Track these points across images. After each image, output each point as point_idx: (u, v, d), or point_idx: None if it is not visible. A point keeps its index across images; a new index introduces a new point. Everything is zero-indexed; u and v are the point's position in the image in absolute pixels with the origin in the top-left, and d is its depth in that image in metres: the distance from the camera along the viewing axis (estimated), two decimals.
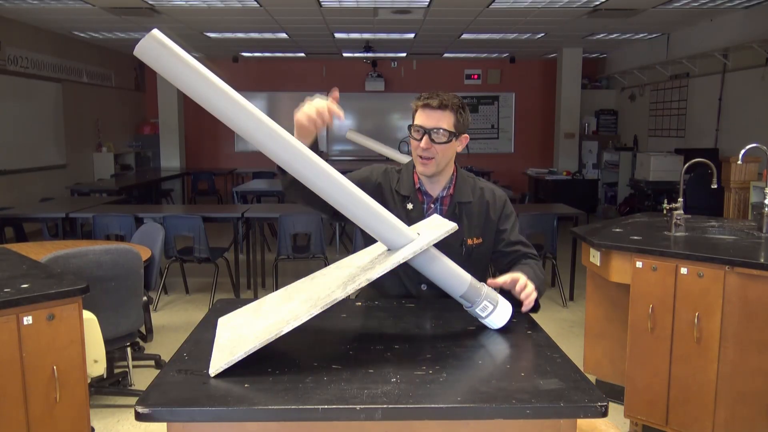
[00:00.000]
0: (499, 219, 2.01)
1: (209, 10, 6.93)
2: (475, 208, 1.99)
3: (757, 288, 2.54)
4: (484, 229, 2.00)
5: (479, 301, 1.59)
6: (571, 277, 5.45)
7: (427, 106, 1.89)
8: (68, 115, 8.87)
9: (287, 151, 1.39)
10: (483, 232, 2.00)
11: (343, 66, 11.53)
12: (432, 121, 1.89)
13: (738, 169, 4.61)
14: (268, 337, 1.34)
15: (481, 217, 1.99)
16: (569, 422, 1.24)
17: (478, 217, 1.99)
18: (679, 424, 2.76)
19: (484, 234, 2.00)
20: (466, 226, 1.97)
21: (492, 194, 2.02)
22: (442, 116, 1.89)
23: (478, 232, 1.99)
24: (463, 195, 1.99)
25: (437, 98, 1.89)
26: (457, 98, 1.93)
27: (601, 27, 8.07)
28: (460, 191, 1.99)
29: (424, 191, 2.01)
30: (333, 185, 1.44)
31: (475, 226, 1.98)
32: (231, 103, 1.33)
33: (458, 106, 1.92)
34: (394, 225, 1.51)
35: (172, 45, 1.28)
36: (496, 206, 2.01)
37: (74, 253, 2.96)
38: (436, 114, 1.89)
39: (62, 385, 2.18)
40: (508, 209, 2.04)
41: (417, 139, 1.91)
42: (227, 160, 11.74)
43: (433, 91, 1.93)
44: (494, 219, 2.01)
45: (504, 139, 11.93)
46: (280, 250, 5.17)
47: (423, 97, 1.92)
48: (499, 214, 2.01)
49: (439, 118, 1.89)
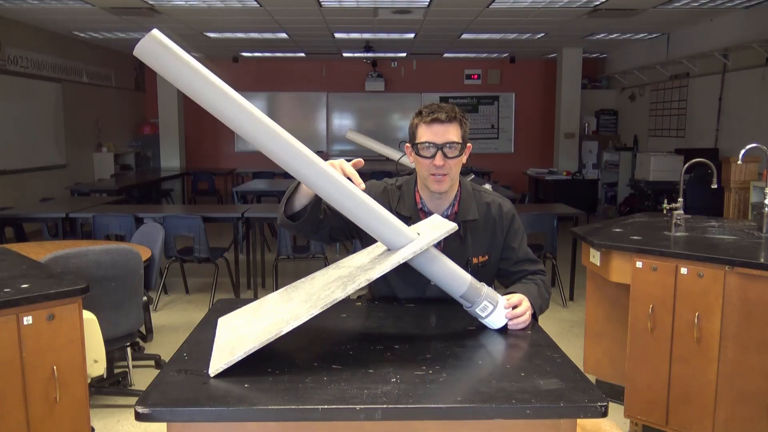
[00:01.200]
0: (506, 236, 1.94)
1: (209, 10, 6.93)
2: (481, 226, 1.91)
3: (757, 288, 2.54)
4: (490, 247, 1.93)
5: (479, 301, 1.59)
6: (571, 277, 5.45)
7: (436, 121, 1.79)
8: (68, 115, 8.87)
9: (287, 150, 1.39)
10: (489, 249, 1.93)
11: (343, 66, 11.53)
12: (442, 135, 1.80)
13: (738, 169, 4.61)
14: (268, 337, 1.34)
15: (487, 234, 1.92)
16: (569, 422, 1.24)
17: (483, 235, 1.91)
18: (679, 424, 2.76)
19: (490, 251, 1.93)
20: (471, 245, 1.89)
21: (498, 210, 1.94)
22: (450, 129, 1.80)
23: (484, 250, 1.92)
24: (468, 213, 1.90)
25: (443, 111, 1.80)
26: (458, 108, 1.86)
27: (601, 27, 8.07)
28: (465, 209, 1.90)
29: (426, 211, 1.91)
30: (333, 185, 1.44)
31: (480, 245, 1.91)
32: (230, 103, 1.33)
33: (461, 115, 1.85)
34: (394, 225, 1.51)
35: (172, 45, 1.28)
36: (503, 224, 1.93)
37: (74, 253, 2.96)
38: (444, 128, 1.80)
39: (62, 385, 2.18)
40: (516, 224, 1.96)
41: (428, 156, 1.81)
42: (227, 160, 11.74)
43: (431, 105, 1.84)
44: (501, 236, 1.93)
45: (504, 139, 11.93)
46: (280, 250, 5.17)
47: (427, 112, 1.82)
48: (506, 231, 1.94)
49: (448, 132, 1.80)
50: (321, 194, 1.45)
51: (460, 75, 11.70)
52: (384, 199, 1.94)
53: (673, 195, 3.42)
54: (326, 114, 11.69)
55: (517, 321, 1.64)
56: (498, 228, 1.93)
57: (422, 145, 1.82)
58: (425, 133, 1.82)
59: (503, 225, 1.94)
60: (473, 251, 1.91)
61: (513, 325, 1.64)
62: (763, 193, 3.13)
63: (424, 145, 1.82)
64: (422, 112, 1.84)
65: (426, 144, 1.81)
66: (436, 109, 1.82)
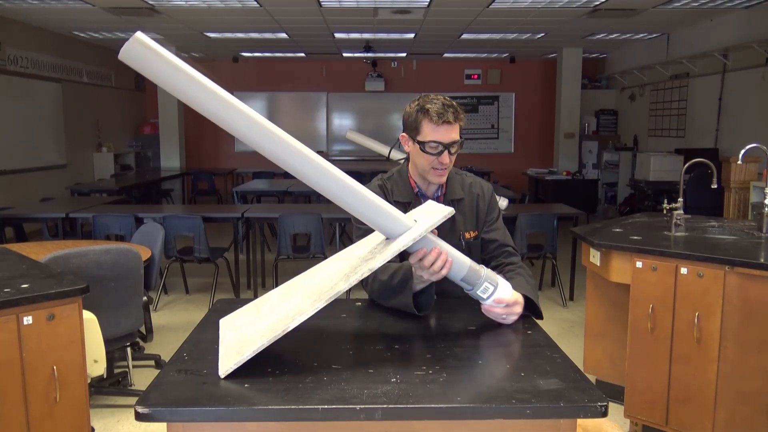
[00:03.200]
0: (486, 210, 2.06)
1: (209, 10, 6.93)
2: (467, 203, 2.03)
3: (757, 288, 2.54)
4: (477, 222, 2.04)
5: (480, 282, 1.59)
6: (571, 277, 5.45)
7: (446, 123, 1.85)
8: (68, 115, 8.87)
9: (279, 146, 1.37)
10: (476, 225, 2.04)
11: (343, 66, 11.53)
12: (449, 135, 1.87)
13: (738, 169, 4.61)
14: (275, 333, 1.33)
15: (473, 210, 2.04)
16: (569, 422, 1.24)
17: (470, 211, 2.03)
18: (679, 424, 2.76)
19: (478, 227, 2.04)
20: (461, 221, 2.00)
21: (480, 187, 2.07)
22: (455, 128, 1.88)
23: (472, 226, 2.03)
24: (455, 193, 2.02)
25: (450, 111, 1.86)
26: (458, 104, 1.92)
27: (601, 27, 8.07)
28: (452, 189, 2.03)
29: (422, 194, 2.03)
30: (327, 177, 1.43)
31: (469, 220, 2.03)
32: (219, 102, 1.32)
33: (462, 112, 1.91)
34: (391, 214, 1.50)
35: (157, 47, 1.27)
36: (485, 198, 2.06)
37: (74, 253, 2.96)
38: (451, 128, 1.87)
39: (62, 385, 2.18)
40: (494, 201, 2.09)
41: (434, 154, 1.88)
42: (227, 160, 11.74)
43: (434, 100, 1.87)
44: (484, 209, 2.05)
45: (504, 139, 11.94)
46: (280, 250, 5.17)
47: (435, 112, 1.84)
48: (486, 205, 2.06)
49: (453, 131, 1.87)
50: (316, 187, 1.44)
51: (460, 75, 11.71)
52: (380, 195, 1.97)
53: (673, 195, 3.42)
54: (326, 114, 11.69)
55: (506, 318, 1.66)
56: (481, 201, 2.05)
57: (429, 144, 1.88)
58: (433, 132, 1.87)
59: (485, 199, 2.06)
60: (464, 227, 2.01)
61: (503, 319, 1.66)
62: (763, 193, 3.13)
63: (431, 144, 1.88)
64: (428, 110, 1.86)
65: (433, 143, 1.87)
66: (443, 109, 1.85)
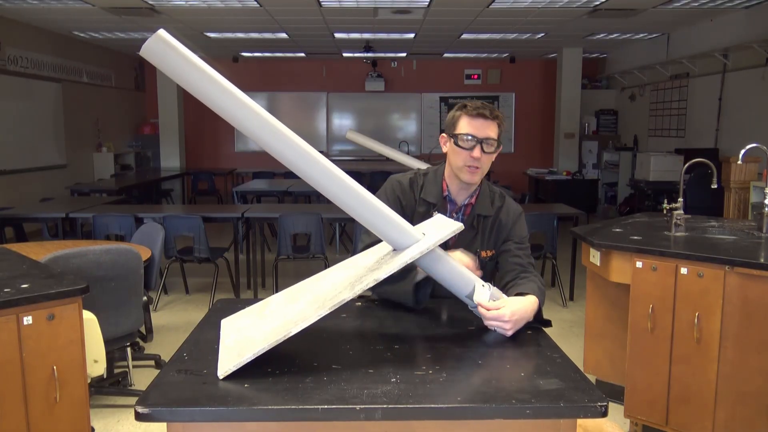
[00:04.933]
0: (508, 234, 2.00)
1: (209, 10, 6.93)
2: (491, 222, 2.00)
3: (757, 288, 2.54)
4: (496, 243, 2.01)
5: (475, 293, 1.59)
6: (571, 277, 5.45)
7: (481, 116, 1.86)
8: (68, 115, 8.87)
9: (293, 150, 1.38)
10: (495, 245, 2.01)
11: (343, 66, 11.52)
12: (483, 130, 1.87)
13: (738, 169, 4.61)
14: (277, 338, 1.33)
15: (494, 232, 2.01)
16: (569, 422, 1.24)
17: (490, 231, 2.00)
18: (679, 424, 2.76)
19: (496, 247, 2.02)
20: (481, 239, 1.98)
21: (507, 212, 2.01)
22: (491, 126, 1.88)
23: (491, 245, 2.01)
24: (484, 208, 1.99)
25: (487, 108, 1.88)
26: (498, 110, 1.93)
27: (601, 27, 8.07)
28: (482, 204, 2.00)
29: (450, 199, 2.00)
30: (338, 184, 1.43)
31: (488, 240, 2.00)
32: (237, 104, 1.33)
33: (502, 118, 1.92)
34: (400, 225, 1.50)
35: (179, 45, 1.28)
36: (508, 223, 2.00)
37: (74, 253, 2.96)
38: (486, 123, 1.87)
39: (62, 385, 2.18)
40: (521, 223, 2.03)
41: (467, 148, 1.87)
42: (227, 160, 11.73)
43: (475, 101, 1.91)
44: (503, 235, 2.01)
45: (504, 139, 11.87)
46: (280, 250, 5.17)
47: (473, 106, 1.88)
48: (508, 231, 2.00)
49: (489, 128, 1.87)
50: (326, 194, 1.45)
51: (460, 75, 11.70)
52: (409, 190, 2.01)
53: (673, 195, 3.42)
54: (326, 114, 11.69)
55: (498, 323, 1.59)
56: (504, 228, 2.01)
57: (463, 137, 1.88)
58: (468, 125, 1.88)
59: (507, 225, 2.01)
60: (482, 245, 1.99)
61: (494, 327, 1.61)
62: (763, 193, 3.13)
63: (465, 137, 1.88)
64: (467, 106, 1.90)
65: (467, 136, 1.87)
66: (481, 105, 1.89)
